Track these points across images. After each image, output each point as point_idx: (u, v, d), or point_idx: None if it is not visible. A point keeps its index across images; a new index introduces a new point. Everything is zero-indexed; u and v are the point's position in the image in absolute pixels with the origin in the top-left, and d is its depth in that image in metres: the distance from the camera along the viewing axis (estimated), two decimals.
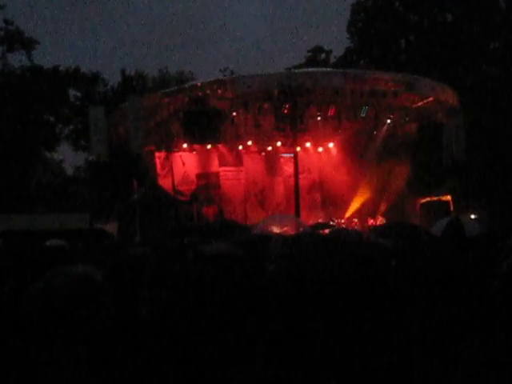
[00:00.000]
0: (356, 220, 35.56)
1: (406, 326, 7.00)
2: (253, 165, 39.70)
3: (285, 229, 25.69)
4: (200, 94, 32.23)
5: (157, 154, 36.52)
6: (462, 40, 49.62)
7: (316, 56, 63.36)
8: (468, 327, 6.80)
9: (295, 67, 54.72)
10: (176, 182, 36.78)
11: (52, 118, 57.38)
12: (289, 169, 37.69)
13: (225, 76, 55.04)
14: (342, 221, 35.40)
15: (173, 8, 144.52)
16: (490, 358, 6.01)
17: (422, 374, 6.80)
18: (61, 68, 57.20)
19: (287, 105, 31.95)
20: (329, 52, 63.69)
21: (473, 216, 31.50)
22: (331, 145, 40.43)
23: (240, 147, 38.35)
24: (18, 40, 53.23)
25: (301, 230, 25.77)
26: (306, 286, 7.35)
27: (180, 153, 37.13)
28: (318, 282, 7.33)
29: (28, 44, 53.81)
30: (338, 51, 62.05)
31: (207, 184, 37.61)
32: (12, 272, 9.00)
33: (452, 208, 34.17)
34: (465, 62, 47.27)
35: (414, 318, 7.01)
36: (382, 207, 36.15)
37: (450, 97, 35.15)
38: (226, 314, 6.86)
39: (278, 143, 38.03)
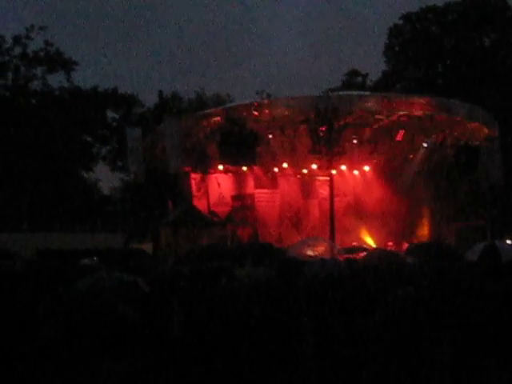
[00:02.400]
0: (391, 243, 35.30)
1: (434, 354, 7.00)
2: (288, 187, 39.67)
3: (319, 252, 25.63)
4: (236, 115, 32.38)
5: (192, 176, 36.63)
6: (500, 64, 49.36)
7: (352, 79, 63.42)
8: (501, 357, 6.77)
9: (331, 90, 54.79)
10: (211, 204, 36.86)
11: (89, 139, 58.00)
12: (324, 191, 37.61)
13: (261, 98, 55.18)
14: (376, 245, 35.18)
15: (210, 29, 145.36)
16: None
17: None
18: (99, 89, 57.88)
19: (323, 127, 31.94)
20: (365, 75, 63.75)
21: (509, 241, 31.18)
22: (367, 168, 40.25)
23: (275, 169, 38.35)
24: (58, 61, 53.97)
25: (335, 252, 25.74)
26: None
27: (216, 174, 37.24)
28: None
29: (67, 65, 54.55)
30: (374, 75, 62.13)
31: (242, 206, 37.65)
32: (47, 288, 9.16)
33: (488, 233, 33.84)
34: (502, 86, 46.99)
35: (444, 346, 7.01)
36: (418, 231, 35.90)
37: (486, 121, 34.93)
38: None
39: (314, 166, 37.94)
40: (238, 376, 6.82)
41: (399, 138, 35.54)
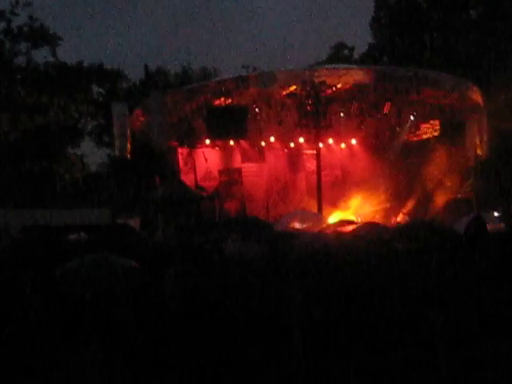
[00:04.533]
0: (378, 217, 35.37)
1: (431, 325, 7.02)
2: (275, 161, 39.61)
3: (307, 225, 25.72)
4: (223, 89, 32.28)
5: (179, 150, 36.54)
6: (486, 37, 49.26)
7: (339, 52, 63.20)
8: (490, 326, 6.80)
9: (318, 64, 54.58)
10: (198, 178, 36.81)
11: (75, 114, 57.67)
12: (311, 165, 37.59)
13: (248, 72, 54.96)
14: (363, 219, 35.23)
15: (196, 2, 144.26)
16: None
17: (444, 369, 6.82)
18: (84, 64, 57.47)
19: (310, 101, 31.89)
20: (352, 48, 63.57)
21: (496, 214, 31.28)
22: (354, 141, 40.24)
23: (263, 143, 38.28)
24: (43, 36, 53.52)
25: (323, 226, 25.81)
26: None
27: (203, 149, 37.15)
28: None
29: (52, 40, 54.09)
30: (361, 48, 61.90)
31: (229, 180, 37.61)
32: (33, 264, 9.13)
33: (475, 206, 33.93)
34: (489, 59, 46.92)
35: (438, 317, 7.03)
36: (406, 205, 35.95)
37: (473, 94, 34.95)
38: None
39: (301, 139, 37.89)
40: (231, 346, 6.86)
41: (386, 110, 35.58)
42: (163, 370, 6.94)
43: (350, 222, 29.44)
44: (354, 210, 36.57)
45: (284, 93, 32.86)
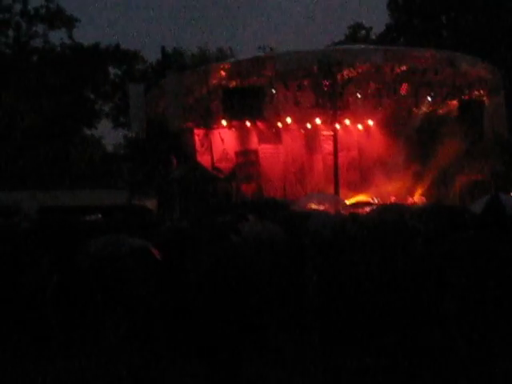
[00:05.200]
0: (394, 198, 35.27)
1: (444, 309, 6.96)
2: (292, 142, 39.50)
3: (324, 207, 25.66)
4: (239, 71, 32.20)
5: (196, 131, 36.49)
6: (506, 16, 48.85)
7: (356, 33, 62.94)
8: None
9: (335, 44, 54.37)
10: (215, 159, 36.76)
11: (92, 96, 57.78)
12: (328, 146, 37.47)
13: (264, 53, 54.83)
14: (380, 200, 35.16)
15: None
16: None
17: (459, 355, 6.77)
18: (101, 46, 57.48)
19: (327, 82, 31.78)
20: (369, 29, 63.29)
21: None
22: (371, 122, 40.08)
23: (279, 124, 38.17)
24: (59, 18, 53.56)
25: (340, 208, 25.77)
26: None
27: (219, 130, 37.07)
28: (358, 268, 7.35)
29: (68, 22, 54.16)
30: (378, 28, 61.57)
31: (246, 161, 37.55)
32: (50, 244, 9.16)
33: (493, 186, 33.76)
34: (508, 38, 46.56)
35: (452, 301, 6.97)
36: (422, 186, 35.82)
37: (491, 74, 34.72)
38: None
39: (318, 121, 37.78)
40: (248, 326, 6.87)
41: (403, 91, 35.44)
42: (178, 348, 6.97)
43: (367, 203, 29.41)
44: (370, 191, 36.51)
45: (301, 74, 32.74)
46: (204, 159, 36.02)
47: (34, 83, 48.25)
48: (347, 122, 38.89)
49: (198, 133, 36.62)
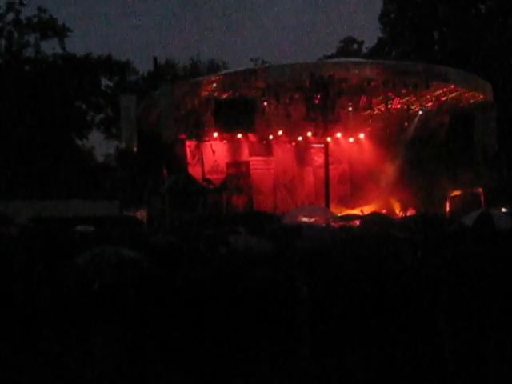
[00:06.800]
0: (385, 211, 35.30)
1: (433, 320, 6.99)
2: (283, 155, 39.63)
3: (314, 219, 25.67)
4: (231, 83, 32.22)
5: (187, 143, 36.55)
6: (496, 32, 49.09)
7: (348, 46, 63.16)
8: (497, 322, 6.77)
9: (327, 57, 54.51)
10: (206, 171, 36.81)
11: (84, 106, 57.68)
12: (319, 159, 37.61)
13: (256, 65, 54.93)
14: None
15: None
16: None
17: (449, 368, 6.79)
18: (93, 56, 57.44)
19: (318, 95, 31.87)
20: (361, 43, 63.51)
21: (504, 209, 31.19)
22: (362, 135, 40.24)
23: (270, 137, 38.30)
24: (51, 28, 53.51)
25: (330, 220, 25.77)
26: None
27: (210, 142, 37.15)
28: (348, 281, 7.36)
29: (61, 32, 54.08)
30: (370, 42, 61.79)
31: (237, 173, 37.62)
32: (42, 255, 9.14)
33: (483, 201, 33.83)
34: (498, 54, 46.77)
35: (441, 312, 7.00)
36: (413, 199, 35.86)
37: (482, 89, 34.85)
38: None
39: (309, 133, 37.94)
40: (235, 342, 6.86)
41: (394, 105, 35.57)
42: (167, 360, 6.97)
43: (357, 216, 29.45)
44: (361, 204, 36.57)
45: (292, 86, 32.76)
46: (195, 171, 36.06)
47: (26, 93, 48.13)
48: (338, 135, 39.06)
49: (190, 144, 36.69)
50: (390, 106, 35.82)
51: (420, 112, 36.40)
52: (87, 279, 7.71)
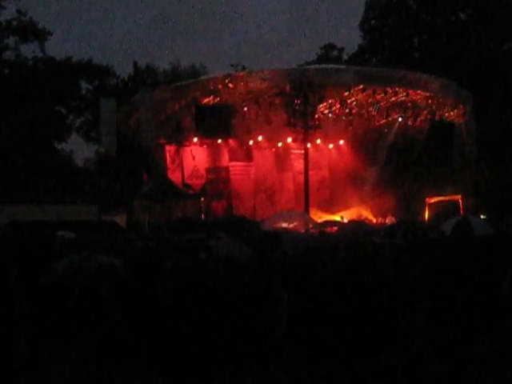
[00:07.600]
0: (364, 218, 35.37)
1: (411, 325, 7.01)
2: (263, 160, 39.63)
3: (293, 225, 25.69)
4: (212, 88, 32.17)
5: (167, 148, 36.48)
6: (475, 39, 49.43)
7: (328, 53, 63.27)
8: (476, 327, 6.79)
9: (307, 64, 54.58)
10: (185, 176, 36.74)
11: (63, 110, 57.44)
12: (299, 165, 37.62)
13: (237, 71, 54.92)
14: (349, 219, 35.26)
15: (186, 0, 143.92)
16: (498, 358, 5.96)
17: (426, 373, 6.80)
18: (73, 59, 57.23)
19: (299, 101, 31.89)
20: (341, 49, 63.62)
21: (482, 216, 31.37)
22: (342, 142, 40.35)
23: (250, 142, 38.28)
24: (31, 31, 53.25)
25: (310, 226, 25.82)
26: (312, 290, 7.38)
27: (190, 147, 37.10)
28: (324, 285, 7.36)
29: (41, 35, 53.83)
30: (350, 48, 61.97)
31: (217, 178, 37.61)
32: (20, 260, 9.07)
33: (462, 208, 33.99)
34: (477, 61, 47.07)
35: (419, 317, 7.02)
36: (392, 205, 35.96)
37: (462, 96, 35.03)
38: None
39: (289, 139, 37.97)
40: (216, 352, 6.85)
41: (374, 112, 35.67)
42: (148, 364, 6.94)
43: (336, 222, 29.51)
44: (340, 210, 36.65)
45: (273, 92, 32.75)
46: (175, 176, 35.97)
47: (5, 96, 47.85)
48: (318, 141, 39.12)
49: (170, 149, 36.62)
50: (370, 112, 35.89)
51: (399, 119, 36.51)
52: (65, 286, 7.67)
